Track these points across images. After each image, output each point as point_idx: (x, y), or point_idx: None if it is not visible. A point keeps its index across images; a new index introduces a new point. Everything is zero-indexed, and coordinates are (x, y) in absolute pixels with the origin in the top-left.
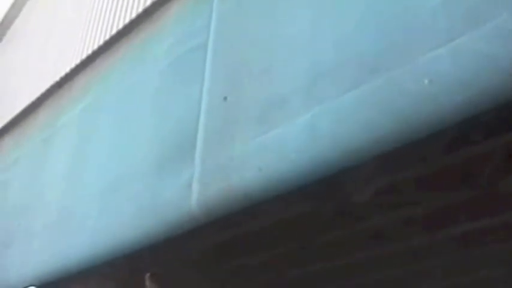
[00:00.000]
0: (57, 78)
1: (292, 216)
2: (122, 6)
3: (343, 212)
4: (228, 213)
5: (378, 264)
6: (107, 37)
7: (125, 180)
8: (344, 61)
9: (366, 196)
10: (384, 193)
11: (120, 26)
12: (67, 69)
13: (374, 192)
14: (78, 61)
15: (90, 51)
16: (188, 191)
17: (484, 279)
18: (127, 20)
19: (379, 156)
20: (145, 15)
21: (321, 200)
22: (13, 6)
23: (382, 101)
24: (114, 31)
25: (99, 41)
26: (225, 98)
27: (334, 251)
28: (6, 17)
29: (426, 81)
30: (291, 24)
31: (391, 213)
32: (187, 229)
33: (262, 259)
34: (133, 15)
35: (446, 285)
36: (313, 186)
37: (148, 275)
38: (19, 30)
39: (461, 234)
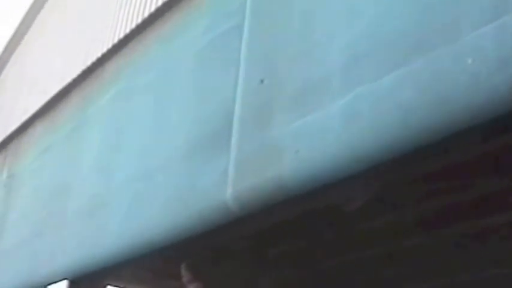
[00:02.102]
0: (88, 63)
1: (329, 203)
2: None
3: (381, 199)
4: (264, 203)
5: (417, 253)
6: (139, 21)
7: (158, 167)
8: (383, 42)
9: (408, 182)
10: (426, 179)
11: (153, 8)
12: (98, 55)
13: (418, 176)
14: (109, 46)
15: (121, 36)
16: (224, 178)
17: None
18: (160, 3)
19: (418, 140)
20: None
21: (359, 185)
22: None
23: (423, 82)
24: (146, 14)
25: (131, 24)
26: (262, 81)
27: (372, 239)
28: (34, 4)
29: (470, 61)
30: (328, 4)
31: (433, 201)
32: (222, 222)
33: (297, 248)
34: None
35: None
36: (351, 170)
37: (184, 264)
38: (49, 17)
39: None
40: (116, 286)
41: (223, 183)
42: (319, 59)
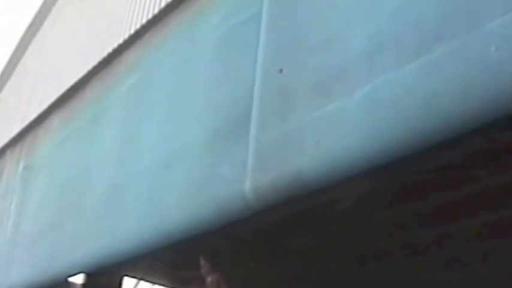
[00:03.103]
0: (104, 54)
1: (350, 194)
2: None
3: (406, 186)
4: (283, 196)
5: (439, 243)
6: (156, 11)
7: (176, 158)
8: (405, 30)
9: (432, 171)
10: (448, 168)
11: None
12: (115, 45)
13: (439, 166)
14: (126, 36)
15: (138, 26)
16: (243, 170)
17: None
18: None
19: (441, 128)
20: None
21: (382, 176)
22: None
23: (445, 70)
24: (163, 4)
25: (148, 15)
26: (281, 71)
27: (393, 230)
28: None
29: (493, 49)
30: None
31: (456, 190)
32: (239, 215)
33: (316, 239)
34: None
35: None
36: (373, 160)
37: (202, 255)
38: (66, 7)
39: None
40: (133, 277)
41: (242, 175)
42: (340, 48)
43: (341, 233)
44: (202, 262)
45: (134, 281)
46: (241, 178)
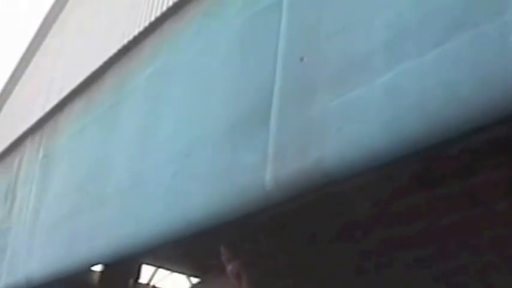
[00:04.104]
0: (125, 41)
1: (369, 180)
2: None
3: (425, 171)
4: (304, 185)
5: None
6: None
7: (197, 145)
8: (427, 17)
9: (452, 158)
10: (466, 155)
11: None
12: (135, 32)
13: (457, 154)
14: (146, 24)
15: (158, 13)
16: (263, 158)
17: None
18: None
19: (462, 117)
20: None
21: (401, 163)
22: None
23: (466, 59)
24: None
25: (168, 2)
26: (302, 59)
27: (410, 217)
28: None
29: None
30: None
31: (473, 177)
32: (260, 204)
33: (335, 227)
34: None
35: None
36: (393, 148)
37: (223, 243)
38: None
39: None
40: (151, 265)
41: (262, 164)
42: (361, 35)
43: (360, 221)
44: (222, 250)
45: (152, 268)
46: (262, 167)
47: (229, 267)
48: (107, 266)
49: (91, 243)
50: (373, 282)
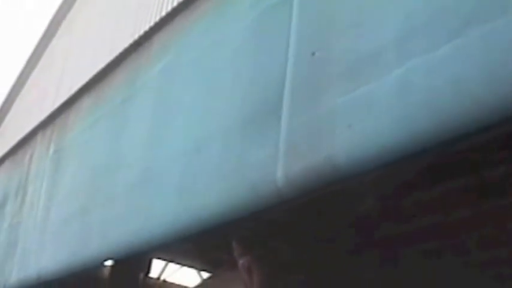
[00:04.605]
0: (135, 36)
1: (378, 176)
2: None
3: (435, 166)
4: (315, 183)
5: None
6: None
7: (207, 141)
8: (439, 12)
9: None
10: (475, 151)
11: None
12: (146, 28)
13: (468, 150)
14: (157, 19)
15: (169, 8)
16: (274, 154)
17: None
18: None
19: (473, 113)
20: None
21: (411, 159)
22: None
23: (478, 54)
24: None
25: None
26: (313, 54)
27: (422, 210)
28: None
29: None
30: None
31: (483, 173)
32: (271, 201)
33: (346, 222)
34: None
35: None
36: (403, 145)
37: (233, 237)
38: None
39: None
40: (162, 259)
41: (273, 160)
42: (372, 31)
43: (370, 215)
44: (234, 245)
45: (162, 262)
46: (273, 163)
47: (241, 262)
48: (117, 260)
49: (102, 238)
50: (383, 277)
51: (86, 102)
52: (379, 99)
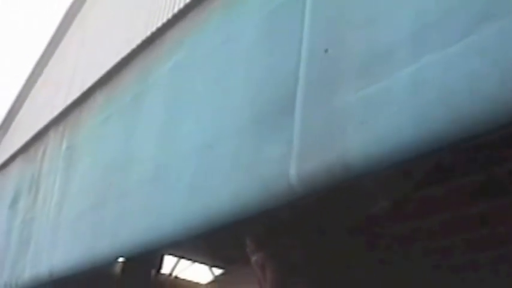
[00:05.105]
0: (148, 33)
1: (392, 173)
2: None
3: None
4: (329, 181)
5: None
6: None
7: (220, 137)
8: (452, 9)
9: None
10: (491, 147)
11: None
12: (158, 24)
13: (480, 146)
14: (169, 15)
15: (182, 5)
16: (288, 151)
17: None
18: None
19: (487, 110)
20: None
21: (425, 157)
22: None
23: (492, 51)
24: None
25: None
26: (326, 51)
27: (432, 207)
28: None
29: None
30: None
31: (495, 168)
32: (284, 199)
33: (358, 220)
34: None
35: None
36: (417, 143)
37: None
38: None
39: None
40: (173, 256)
41: (286, 157)
42: (386, 27)
43: (381, 213)
44: (247, 241)
45: (174, 259)
46: (287, 160)
47: (254, 258)
48: (129, 257)
49: (114, 235)
50: (394, 273)
51: (99, 98)
52: (393, 96)
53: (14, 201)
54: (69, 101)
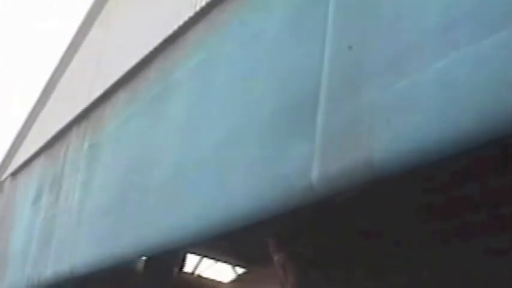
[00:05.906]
0: (169, 32)
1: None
2: None
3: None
4: (351, 179)
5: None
6: None
7: (243, 136)
8: (481, 4)
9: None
10: None
11: None
12: (180, 23)
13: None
14: (191, 14)
15: (204, 3)
16: (310, 151)
17: None
18: None
19: None
20: None
21: (453, 155)
22: None
23: None
24: None
25: None
26: (350, 48)
27: (456, 209)
28: None
29: None
30: None
31: None
32: (306, 201)
33: (382, 220)
34: None
35: None
36: (445, 143)
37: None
38: None
39: None
40: (196, 254)
41: (309, 157)
42: (413, 23)
43: (402, 214)
44: (270, 241)
45: (197, 258)
46: (308, 159)
47: (276, 258)
48: (150, 256)
49: (135, 233)
50: (417, 275)
51: (121, 96)
52: (421, 94)
53: (37, 198)
54: (91, 99)
